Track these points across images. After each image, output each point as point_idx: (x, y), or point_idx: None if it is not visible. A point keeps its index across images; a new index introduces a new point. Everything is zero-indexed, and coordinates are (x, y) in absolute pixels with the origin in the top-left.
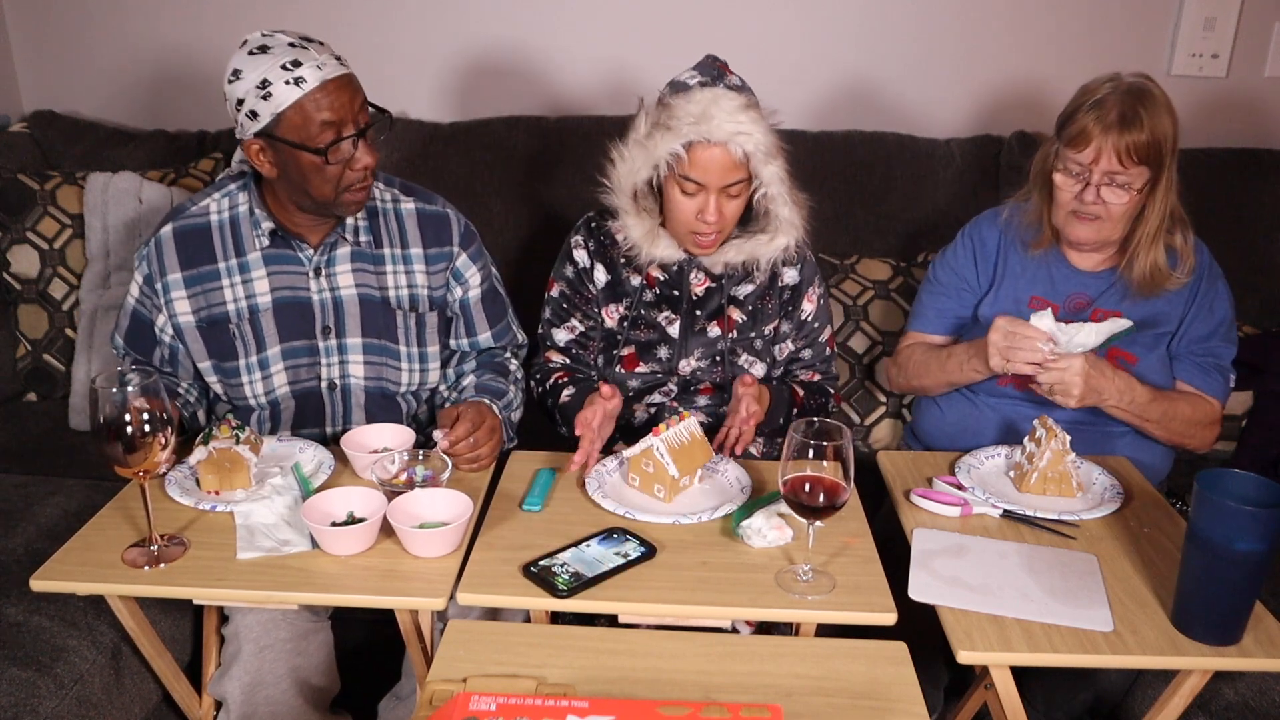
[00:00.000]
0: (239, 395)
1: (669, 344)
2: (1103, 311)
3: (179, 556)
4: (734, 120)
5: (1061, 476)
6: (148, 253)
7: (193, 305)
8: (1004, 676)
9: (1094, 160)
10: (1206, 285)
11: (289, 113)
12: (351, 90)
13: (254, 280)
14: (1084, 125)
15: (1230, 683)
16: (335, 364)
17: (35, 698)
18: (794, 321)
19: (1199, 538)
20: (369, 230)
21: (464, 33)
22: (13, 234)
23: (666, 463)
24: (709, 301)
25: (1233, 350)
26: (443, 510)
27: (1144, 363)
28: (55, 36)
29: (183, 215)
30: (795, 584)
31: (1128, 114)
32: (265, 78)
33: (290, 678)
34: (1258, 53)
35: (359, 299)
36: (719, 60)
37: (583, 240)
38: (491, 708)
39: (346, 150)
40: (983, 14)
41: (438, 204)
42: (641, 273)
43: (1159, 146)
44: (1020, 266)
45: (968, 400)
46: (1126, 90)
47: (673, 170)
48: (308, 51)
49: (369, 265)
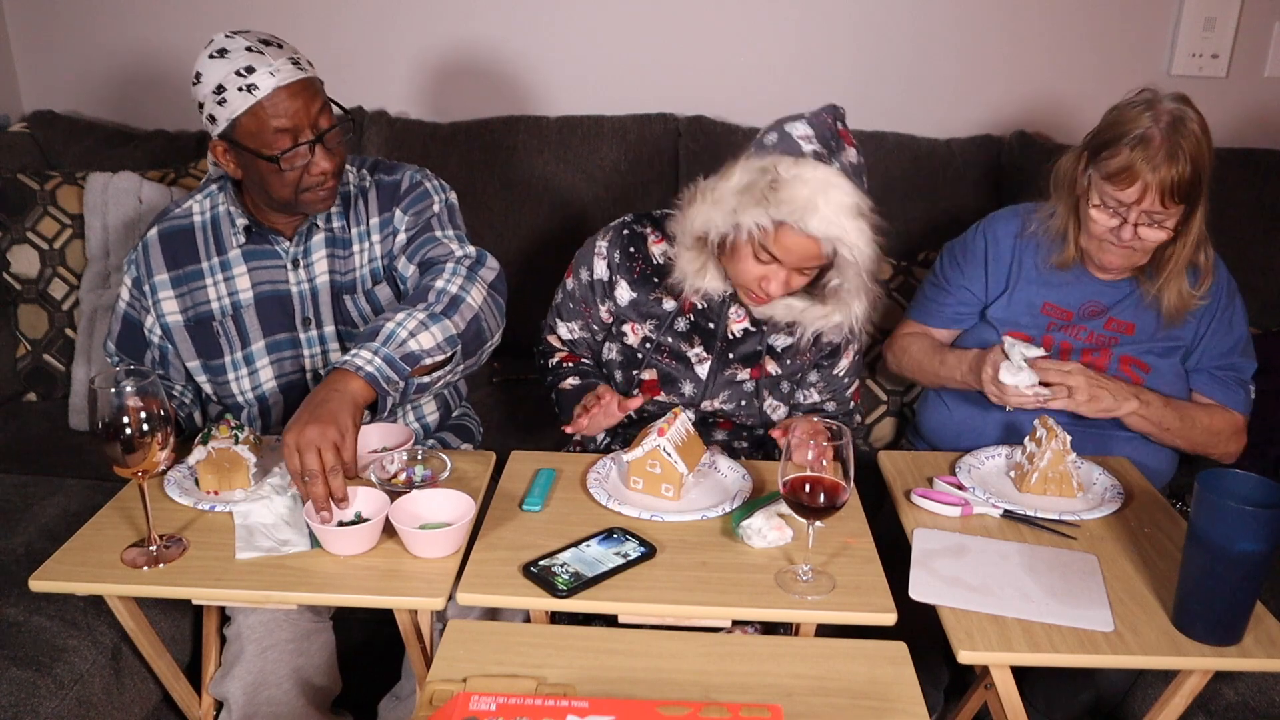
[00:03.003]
0: (227, 394)
1: (695, 383)
2: (1118, 321)
3: (178, 556)
4: (838, 224)
5: (1062, 477)
6: (135, 256)
7: (179, 305)
8: (1004, 676)
9: (1137, 200)
10: (1226, 301)
11: (243, 119)
12: (308, 95)
13: (235, 277)
14: (1129, 163)
15: (1230, 683)
16: (319, 354)
17: (35, 698)
18: (825, 375)
19: (1199, 538)
20: (341, 215)
21: (464, 32)
22: (13, 234)
23: (674, 460)
24: (744, 344)
25: (1253, 365)
26: (443, 511)
27: (1156, 372)
28: (55, 36)
29: (168, 218)
30: (795, 584)
31: (1173, 153)
32: (221, 83)
33: (292, 678)
34: (1258, 53)
35: (330, 286)
36: (840, 125)
37: (606, 250)
38: (491, 708)
39: (303, 155)
40: (983, 14)
41: (398, 173)
42: (677, 295)
43: (1199, 178)
44: (1036, 272)
45: (975, 401)
46: (1169, 125)
47: (752, 236)
48: (263, 56)
49: (339, 250)
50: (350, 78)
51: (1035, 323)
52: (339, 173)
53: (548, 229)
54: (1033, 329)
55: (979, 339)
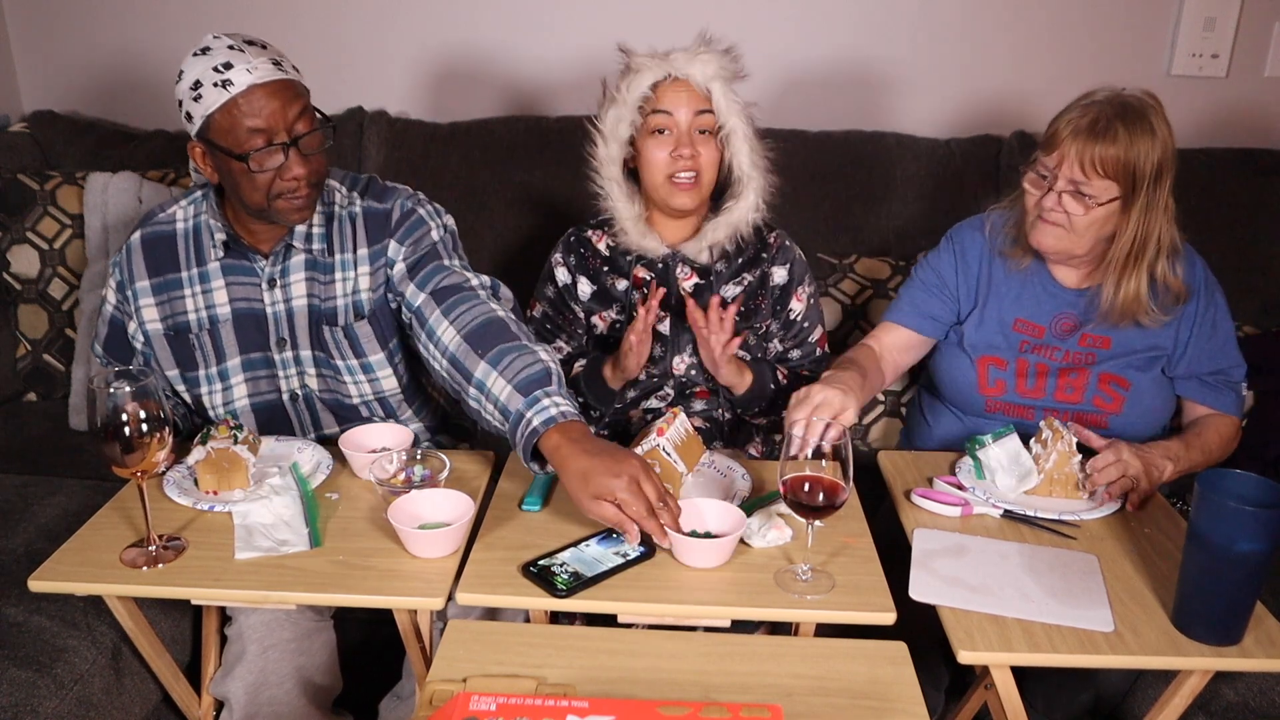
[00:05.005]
0: (201, 407)
1: (661, 341)
2: (1092, 336)
3: (177, 557)
4: (692, 52)
5: (1067, 478)
6: (119, 259)
7: (160, 313)
8: (1004, 676)
9: (1058, 165)
10: (1205, 303)
11: (217, 116)
12: (285, 97)
13: (213, 290)
14: (1056, 128)
15: (1230, 683)
16: (294, 375)
17: (35, 698)
18: (782, 321)
19: (1200, 538)
20: (323, 238)
21: (464, 32)
22: (13, 234)
23: (674, 460)
24: (698, 298)
25: (1242, 367)
26: (443, 510)
27: (1136, 388)
28: (55, 36)
29: (151, 222)
30: (795, 584)
31: (1103, 124)
32: (198, 79)
33: (294, 678)
34: (1258, 53)
35: (308, 310)
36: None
37: (562, 257)
38: (491, 708)
39: (275, 159)
40: (983, 14)
41: (389, 200)
42: (627, 275)
43: (1131, 165)
44: (1005, 285)
45: (955, 419)
46: (1115, 102)
47: (644, 121)
48: (243, 55)
49: (320, 275)
50: (350, 78)
51: (1009, 343)
52: (317, 183)
53: (548, 229)
54: (1006, 350)
55: (951, 364)
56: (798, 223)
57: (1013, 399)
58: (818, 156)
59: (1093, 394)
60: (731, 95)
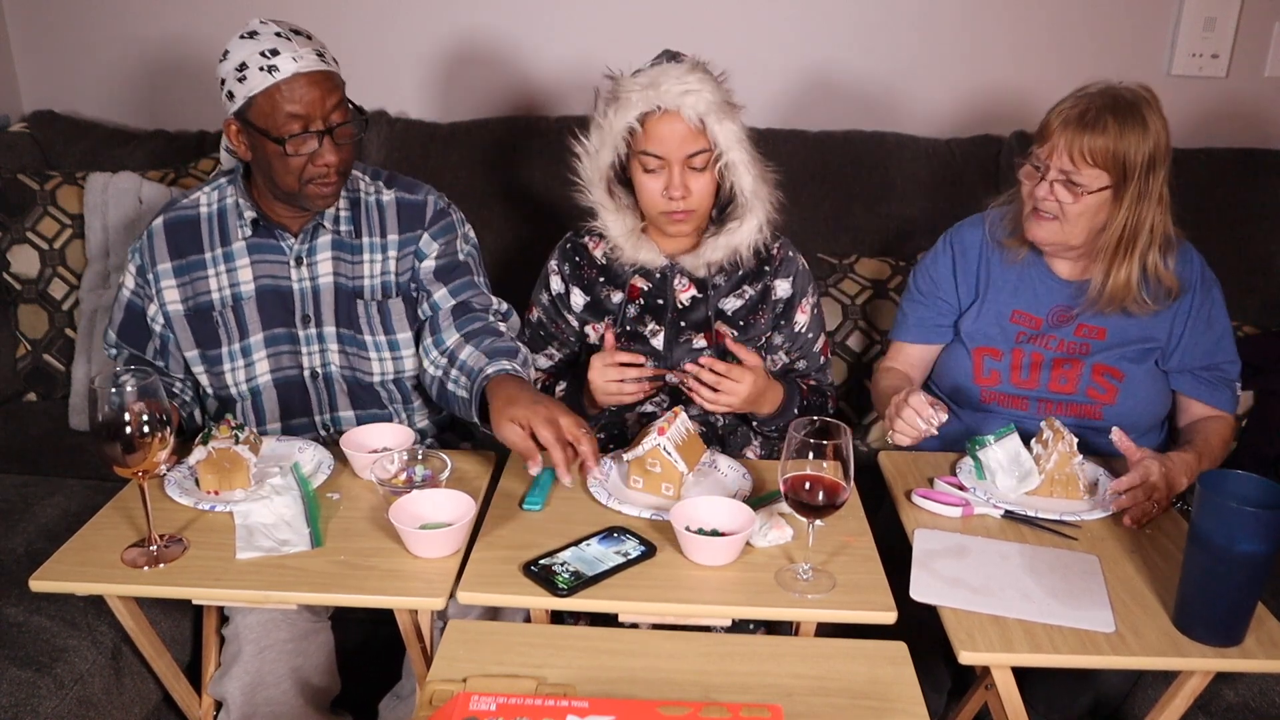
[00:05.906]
0: (222, 385)
1: (654, 358)
2: (1088, 326)
3: (178, 556)
4: (682, 83)
5: (1069, 479)
6: (140, 244)
7: (181, 294)
8: (1005, 677)
9: (1049, 155)
10: (1201, 297)
11: (259, 99)
12: (326, 88)
13: (238, 269)
14: (1048, 119)
15: (1231, 684)
16: (316, 352)
17: (35, 698)
18: (786, 334)
19: (1201, 539)
20: (350, 220)
21: (464, 33)
22: (13, 234)
23: (675, 459)
24: (694, 312)
25: (1238, 365)
26: (444, 510)
27: (1129, 379)
28: (55, 36)
29: (174, 208)
30: (795, 583)
31: (1092, 115)
32: (244, 61)
33: (291, 678)
34: (1258, 53)
35: (334, 287)
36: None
37: (557, 265)
38: (491, 708)
39: (310, 145)
40: (983, 14)
41: (420, 193)
42: (623, 287)
43: (1121, 155)
44: (1003, 278)
45: (955, 419)
46: (1107, 94)
47: (633, 150)
48: (290, 43)
49: (347, 255)
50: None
51: (1004, 334)
52: (345, 171)
53: (547, 229)
54: (1002, 341)
55: (947, 354)
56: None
57: (1007, 389)
58: (818, 156)
59: (1086, 385)
60: (729, 125)
